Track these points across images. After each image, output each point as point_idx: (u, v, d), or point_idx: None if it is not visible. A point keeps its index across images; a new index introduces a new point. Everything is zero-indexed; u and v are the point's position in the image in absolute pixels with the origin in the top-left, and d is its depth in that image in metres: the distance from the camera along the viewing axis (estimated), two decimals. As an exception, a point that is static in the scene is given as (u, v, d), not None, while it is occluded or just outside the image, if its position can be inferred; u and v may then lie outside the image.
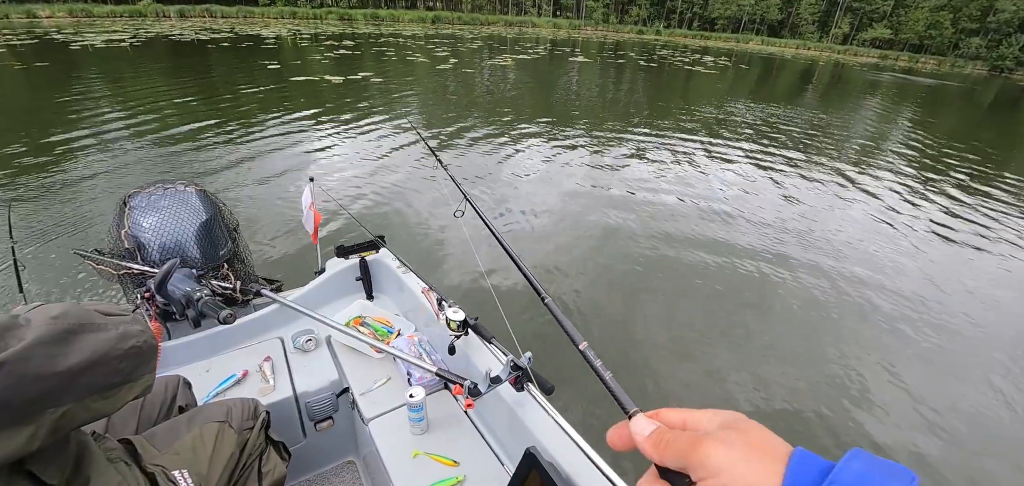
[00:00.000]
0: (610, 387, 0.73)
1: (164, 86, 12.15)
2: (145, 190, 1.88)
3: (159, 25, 34.88)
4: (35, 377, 0.63)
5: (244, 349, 1.96)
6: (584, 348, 0.84)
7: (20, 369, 0.61)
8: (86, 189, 5.45)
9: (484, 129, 9.10)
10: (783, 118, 12.75)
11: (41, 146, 6.83)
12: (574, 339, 0.93)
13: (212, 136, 7.72)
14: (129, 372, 0.76)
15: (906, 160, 9.45)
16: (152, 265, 1.74)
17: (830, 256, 4.95)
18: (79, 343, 0.69)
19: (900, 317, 4.01)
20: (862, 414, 2.96)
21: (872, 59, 52.49)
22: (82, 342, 0.69)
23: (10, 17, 35.71)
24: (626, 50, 35.37)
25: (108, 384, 0.73)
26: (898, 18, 59.20)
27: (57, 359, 0.66)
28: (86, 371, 0.69)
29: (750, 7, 60.37)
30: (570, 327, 1.00)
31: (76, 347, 0.68)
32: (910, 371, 3.36)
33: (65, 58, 16.59)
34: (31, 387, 0.62)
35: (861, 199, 6.82)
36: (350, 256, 2.38)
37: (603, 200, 5.92)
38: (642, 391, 2.97)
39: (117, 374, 0.74)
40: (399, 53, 22.77)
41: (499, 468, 1.51)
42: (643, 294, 4.06)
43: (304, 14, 49.99)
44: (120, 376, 0.74)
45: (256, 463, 1.32)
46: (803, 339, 3.65)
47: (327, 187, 5.57)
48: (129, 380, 0.76)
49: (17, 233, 4.08)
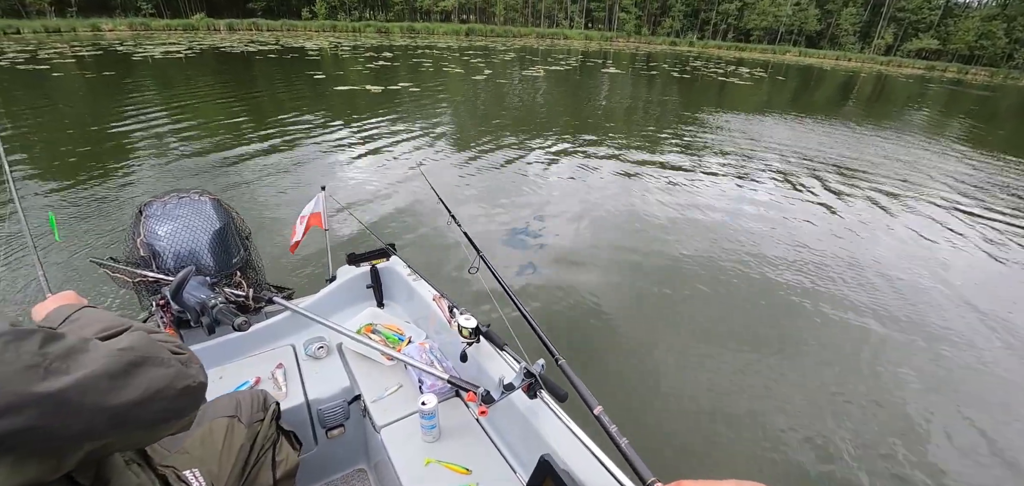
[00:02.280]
0: (626, 454, 0.73)
1: (219, 94, 13.01)
2: (160, 199, 1.92)
3: (210, 38, 36.89)
4: (87, 409, 0.59)
5: (256, 356, 1.97)
6: (599, 412, 0.86)
7: (75, 398, 0.57)
8: (130, 195, 5.86)
9: (510, 142, 9.30)
10: (821, 131, 12.54)
11: (96, 150, 7.50)
12: (589, 403, 0.94)
13: (267, 142, 8.27)
14: (179, 411, 0.74)
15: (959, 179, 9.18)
16: (167, 273, 1.77)
17: (889, 298, 4.34)
18: (139, 378, 0.66)
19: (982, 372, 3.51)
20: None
21: (918, 70, 50.49)
22: (142, 377, 0.67)
23: (77, 30, 38.50)
24: (658, 61, 35.24)
25: (155, 421, 0.70)
26: (946, 28, 56.87)
27: (114, 393, 0.62)
28: (138, 406, 0.65)
29: (787, 18, 59.16)
30: (585, 390, 1.01)
31: (135, 383, 0.65)
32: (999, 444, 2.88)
33: (128, 67, 17.88)
34: (78, 420, 0.58)
35: (918, 234, 6.04)
36: (361, 264, 2.38)
37: (628, 224, 5.61)
38: (660, 455, 2.69)
39: (167, 412, 0.71)
40: (436, 64, 23.44)
41: (512, 476, 1.49)
42: (662, 337, 3.65)
43: (343, 27, 51.86)
44: (169, 414, 0.72)
45: (269, 453, 1.32)
46: None
47: (346, 195, 5.76)
48: (176, 417, 0.74)
49: (61, 233, 4.40)
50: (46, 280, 1.66)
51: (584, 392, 1.00)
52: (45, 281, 1.65)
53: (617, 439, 0.76)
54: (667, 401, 3.03)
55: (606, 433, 0.80)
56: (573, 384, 1.06)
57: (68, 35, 35.63)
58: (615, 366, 3.31)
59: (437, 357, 1.90)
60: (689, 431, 2.84)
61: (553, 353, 1.23)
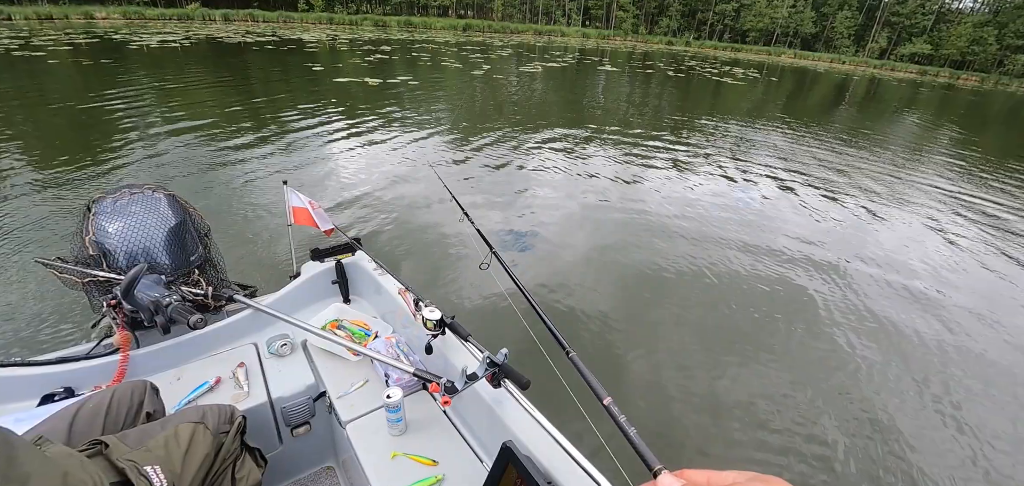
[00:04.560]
0: (635, 443, 0.75)
1: (217, 85, 13.04)
2: (111, 195, 1.83)
3: (207, 28, 36.64)
4: None
5: (217, 356, 1.92)
6: (608, 403, 0.86)
7: None
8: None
9: (511, 136, 9.43)
10: (815, 132, 12.76)
11: (78, 140, 7.53)
12: (598, 394, 0.96)
13: (261, 132, 8.35)
14: None
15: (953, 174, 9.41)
16: (119, 272, 1.69)
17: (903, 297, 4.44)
18: None
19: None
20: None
21: (910, 74, 51.06)
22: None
23: (70, 17, 38.10)
24: (655, 60, 35.43)
25: None
26: (939, 33, 57.49)
27: None
28: None
29: (783, 20, 59.54)
30: (595, 382, 1.02)
31: None
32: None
33: (125, 56, 17.80)
34: None
35: (933, 229, 6.27)
36: (326, 259, 2.35)
37: (626, 218, 5.71)
38: (668, 445, 2.79)
39: None
40: (434, 59, 23.51)
41: (478, 465, 1.52)
42: (664, 333, 3.69)
43: (341, 19, 51.62)
44: None
45: (230, 469, 1.30)
46: None
47: (318, 188, 5.68)
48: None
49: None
50: None
51: (594, 383, 1.01)
52: None
53: (626, 429, 0.78)
54: (669, 395, 3.08)
55: (615, 423, 0.82)
56: (583, 376, 1.07)
57: (61, 22, 35.25)
58: (618, 362, 3.33)
59: (403, 350, 1.89)
60: (693, 426, 2.88)
61: (564, 345, 1.24)
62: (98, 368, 1.66)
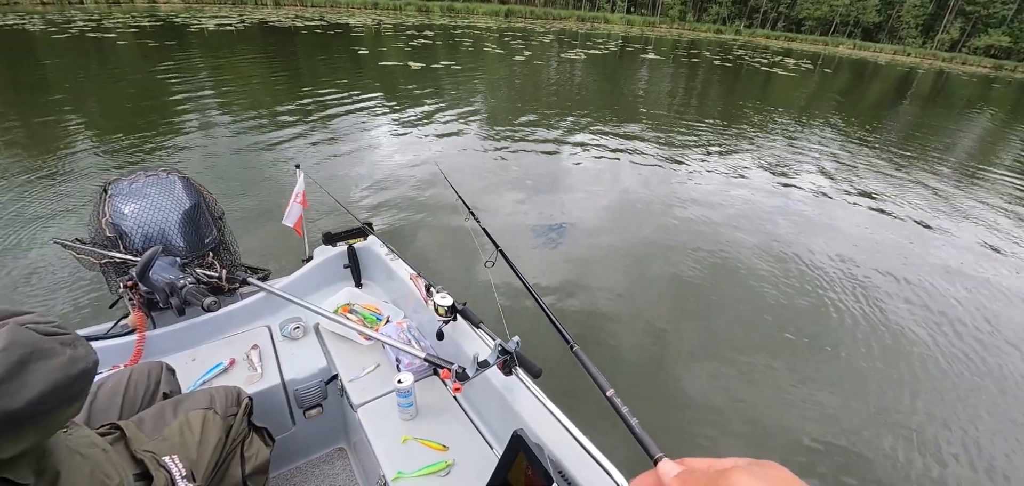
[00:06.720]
0: (636, 433, 0.76)
1: (267, 66, 13.57)
2: (127, 178, 1.86)
3: (259, 12, 38.05)
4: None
5: (231, 338, 1.94)
6: (611, 395, 0.87)
7: None
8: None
9: (546, 124, 9.42)
10: (868, 134, 12.10)
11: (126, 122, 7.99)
12: (601, 385, 0.97)
13: (299, 116, 8.68)
14: (74, 396, 0.73)
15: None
16: (135, 253, 1.71)
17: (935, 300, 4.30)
18: (32, 375, 0.65)
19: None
20: None
21: (983, 69, 47.17)
22: (35, 374, 0.65)
23: (135, 1, 40.36)
24: (701, 49, 34.27)
25: (49, 411, 0.68)
26: (1020, 24, 52.79)
27: (8, 397, 0.61)
28: (38, 403, 0.65)
29: (843, 8, 56.16)
30: (598, 374, 1.03)
31: (30, 381, 0.64)
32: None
33: (185, 39, 18.77)
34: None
35: (968, 233, 5.94)
36: (338, 243, 2.36)
37: (654, 214, 5.60)
38: (669, 434, 2.81)
39: (63, 400, 0.71)
40: (476, 45, 23.58)
41: (488, 451, 1.52)
42: (675, 336, 3.63)
43: (385, 4, 52.37)
44: (65, 401, 0.72)
45: (239, 448, 1.32)
46: None
47: (335, 175, 5.70)
48: (70, 403, 0.73)
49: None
50: None
51: (597, 376, 1.03)
52: None
53: (628, 419, 0.80)
54: (675, 391, 3.09)
55: (618, 413, 0.84)
56: (587, 369, 1.09)
57: (127, 6, 37.40)
58: (625, 358, 3.35)
59: (414, 336, 1.89)
60: (697, 422, 2.89)
61: (569, 340, 1.25)
62: (116, 348, 1.70)
